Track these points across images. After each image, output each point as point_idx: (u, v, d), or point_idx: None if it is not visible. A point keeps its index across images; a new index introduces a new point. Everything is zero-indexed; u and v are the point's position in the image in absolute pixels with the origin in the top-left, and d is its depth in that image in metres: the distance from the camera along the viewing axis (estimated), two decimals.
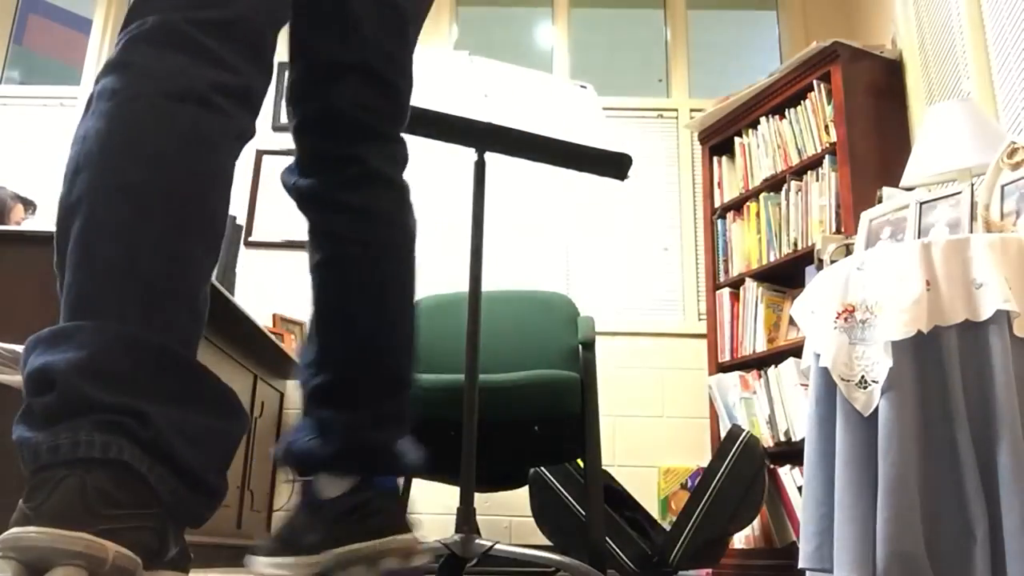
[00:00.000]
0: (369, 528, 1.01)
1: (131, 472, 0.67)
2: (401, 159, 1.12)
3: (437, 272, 3.90)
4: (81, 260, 0.74)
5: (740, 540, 3.15)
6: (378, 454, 1.04)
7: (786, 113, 3.43)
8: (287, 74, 1.11)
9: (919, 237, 2.03)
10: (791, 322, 3.20)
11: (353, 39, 1.05)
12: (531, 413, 1.90)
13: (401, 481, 1.13)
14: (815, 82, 3.25)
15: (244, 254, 3.76)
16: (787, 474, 3.01)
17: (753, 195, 3.54)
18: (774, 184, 3.45)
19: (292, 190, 1.11)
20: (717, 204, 3.75)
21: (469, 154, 1.77)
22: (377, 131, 1.09)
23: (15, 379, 1.89)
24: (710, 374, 3.52)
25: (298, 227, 1.13)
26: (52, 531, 0.62)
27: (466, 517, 1.57)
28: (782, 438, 3.07)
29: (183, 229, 0.78)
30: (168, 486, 0.70)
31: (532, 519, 2.58)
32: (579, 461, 2.42)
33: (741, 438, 2.59)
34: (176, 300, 0.76)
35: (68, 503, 0.63)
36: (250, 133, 0.89)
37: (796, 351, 3.06)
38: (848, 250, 2.27)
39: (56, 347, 0.70)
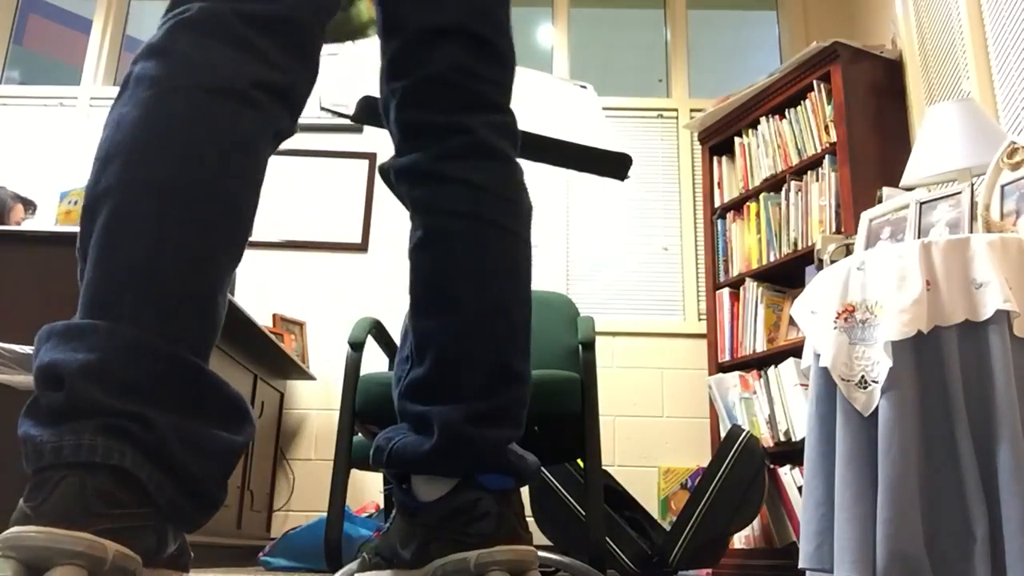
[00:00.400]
0: (472, 535, 0.87)
1: (131, 476, 0.67)
2: (510, 132, 1.01)
3: None
4: (101, 257, 0.73)
5: (740, 540, 3.15)
6: (482, 450, 0.90)
7: (786, 113, 3.43)
8: (381, 54, 1.03)
9: (919, 237, 2.03)
10: (791, 322, 3.20)
11: (448, 2, 0.97)
12: (531, 413, 1.90)
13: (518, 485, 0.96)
14: (815, 82, 3.25)
15: (244, 254, 3.76)
16: (787, 474, 3.01)
17: (753, 195, 3.54)
18: (774, 184, 3.45)
19: (390, 172, 1.02)
20: (717, 204, 3.75)
21: None
22: (482, 98, 0.99)
23: (15, 379, 1.89)
24: (710, 374, 3.52)
25: (298, 227, 1.09)
26: (52, 531, 0.61)
27: None
28: (782, 438, 3.07)
29: (209, 232, 0.76)
30: (166, 493, 0.69)
31: (532, 519, 2.58)
32: (579, 461, 2.42)
33: (741, 438, 2.59)
34: (193, 306, 0.75)
35: (68, 503, 0.63)
36: (288, 131, 0.87)
37: (796, 351, 3.06)
38: (848, 250, 2.27)
39: (68, 344, 0.70)
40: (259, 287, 3.76)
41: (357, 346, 1.92)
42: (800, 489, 2.80)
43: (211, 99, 0.77)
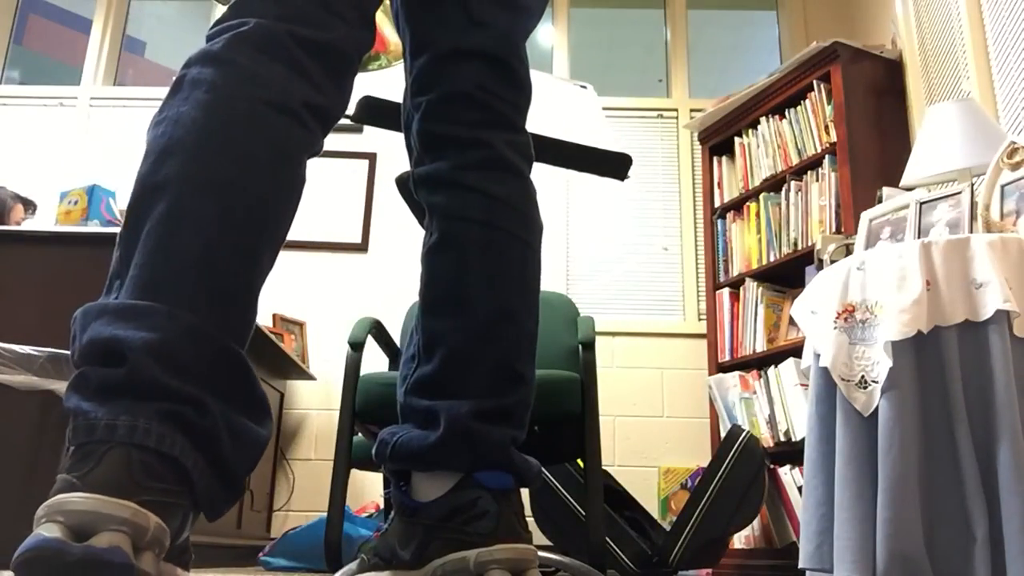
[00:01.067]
0: (472, 534, 0.87)
1: (176, 461, 0.69)
2: (527, 152, 1.06)
3: None
4: (159, 244, 0.75)
5: (740, 540, 3.15)
6: (486, 446, 0.91)
7: (786, 113, 3.43)
8: (406, 73, 1.09)
9: (919, 237, 2.03)
10: (791, 322, 3.20)
11: (475, 28, 1.04)
12: (531, 413, 1.90)
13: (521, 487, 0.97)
14: (815, 82, 3.25)
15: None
16: (787, 474, 3.01)
17: (753, 195, 3.54)
18: (774, 184, 3.45)
19: (409, 180, 1.06)
20: (717, 204, 3.75)
21: None
22: (502, 116, 1.04)
23: (15, 379, 1.89)
24: (710, 374, 3.52)
25: (298, 227, 1.10)
26: (99, 497, 0.63)
27: None
28: (782, 438, 3.07)
29: (259, 233, 0.81)
30: (205, 478, 0.71)
31: (532, 519, 2.58)
32: (579, 461, 2.42)
33: (741, 438, 2.59)
34: (240, 301, 0.80)
35: (115, 472, 0.65)
36: (319, 151, 0.92)
37: (796, 351, 3.06)
38: (848, 250, 2.27)
39: (127, 322, 0.71)
40: None
41: (357, 346, 1.92)
42: (800, 489, 2.80)
43: (268, 111, 0.83)
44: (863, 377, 1.77)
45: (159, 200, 0.77)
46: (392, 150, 4.10)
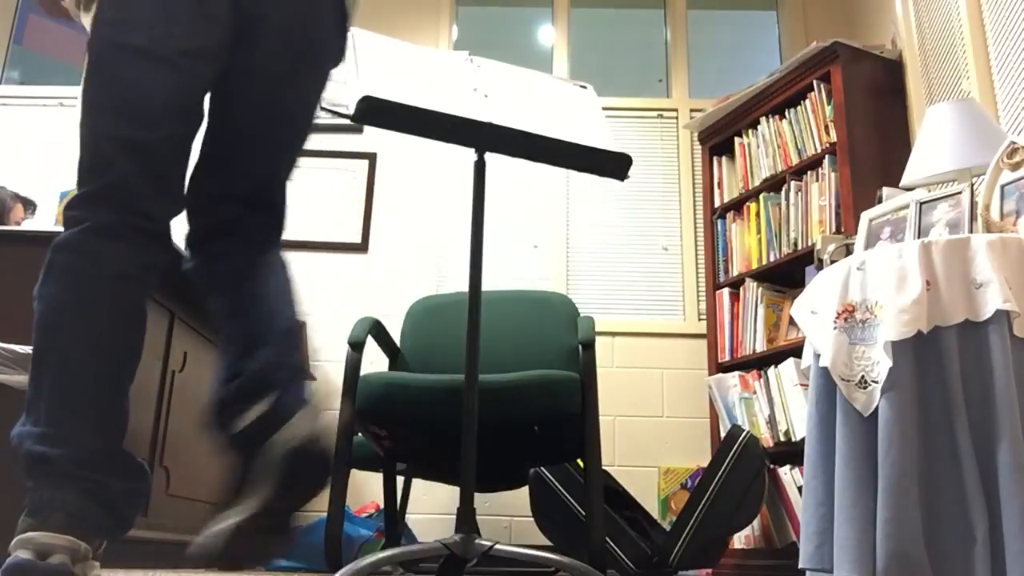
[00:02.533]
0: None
1: (87, 519, 1.12)
2: (282, 260, 1.42)
3: (437, 272, 3.90)
4: (55, 388, 1.16)
5: (740, 540, 3.15)
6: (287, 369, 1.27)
7: (786, 113, 3.43)
8: (201, 147, 1.42)
9: (919, 237, 2.03)
10: (791, 322, 3.20)
11: (241, 178, 1.39)
12: (531, 413, 1.90)
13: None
14: (815, 82, 3.25)
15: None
16: (787, 474, 3.01)
17: (753, 195, 3.54)
18: (774, 184, 3.45)
19: (187, 273, 1.40)
20: (717, 204, 3.75)
21: (469, 154, 1.77)
22: (259, 240, 1.40)
23: (15, 379, 1.89)
24: (710, 374, 3.52)
25: (298, 227, 1.14)
26: (51, 535, 1.06)
27: (466, 517, 1.57)
28: (782, 438, 3.07)
29: (119, 366, 1.21)
30: (106, 523, 1.14)
31: (532, 519, 2.58)
32: (579, 461, 2.42)
33: (741, 438, 2.59)
34: (117, 412, 1.20)
35: (57, 522, 1.09)
36: (166, 261, 1.31)
37: (796, 351, 3.06)
38: (848, 250, 2.27)
39: (48, 442, 1.13)
40: None
41: (357, 346, 1.92)
42: (800, 489, 2.80)
43: (114, 283, 1.21)
44: (863, 377, 1.77)
45: (50, 360, 1.17)
46: (392, 150, 4.10)
